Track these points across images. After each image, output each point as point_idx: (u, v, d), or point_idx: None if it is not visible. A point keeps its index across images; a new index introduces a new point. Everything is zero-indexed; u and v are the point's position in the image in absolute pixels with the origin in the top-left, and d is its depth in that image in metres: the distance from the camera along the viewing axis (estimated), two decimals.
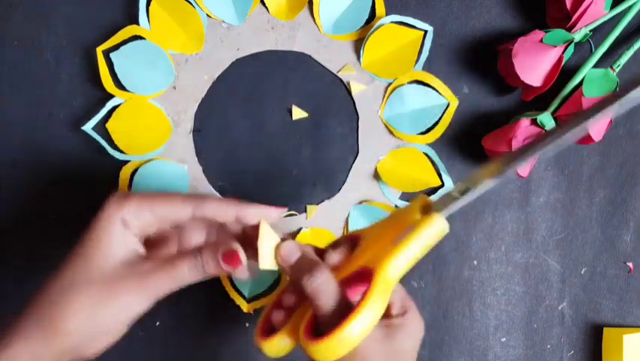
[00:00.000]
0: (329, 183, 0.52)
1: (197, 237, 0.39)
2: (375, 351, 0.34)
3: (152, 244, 0.39)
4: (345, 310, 0.33)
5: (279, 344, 0.36)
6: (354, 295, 0.35)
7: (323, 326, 0.34)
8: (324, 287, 0.34)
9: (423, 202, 0.36)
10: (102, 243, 0.35)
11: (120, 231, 0.35)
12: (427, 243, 0.34)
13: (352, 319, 0.32)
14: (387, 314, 0.36)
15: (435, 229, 0.34)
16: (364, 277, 0.34)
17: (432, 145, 0.52)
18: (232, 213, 0.36)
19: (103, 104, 0.50)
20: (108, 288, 0.34)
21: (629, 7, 0.49)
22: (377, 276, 0.33)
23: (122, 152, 0.50)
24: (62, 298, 0.34)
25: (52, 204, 0.51)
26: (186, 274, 0.35)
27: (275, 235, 0.37)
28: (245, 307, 0.51)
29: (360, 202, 0.52)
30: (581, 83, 0.48)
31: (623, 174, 0.52)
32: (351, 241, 0.39)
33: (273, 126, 0.52)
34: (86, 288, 0.34)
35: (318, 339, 0.32)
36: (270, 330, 0.37)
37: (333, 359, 0.32)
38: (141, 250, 0.36)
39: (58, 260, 0.36)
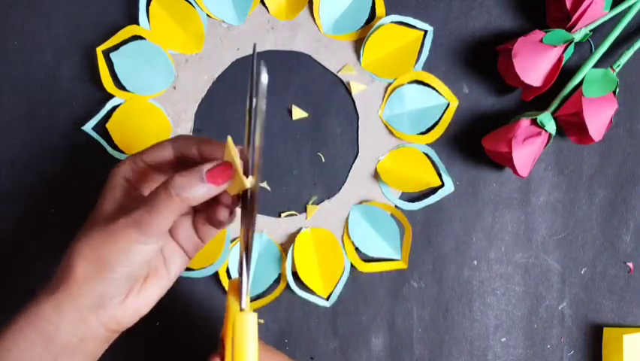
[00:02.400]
0: (329, 183, 0.52)
1: None
2: None
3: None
4: None
5: None
6: None
7: None
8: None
9: (233, 291, 0.38)
10: (105, 196, 0.37)
11: (121, 183, 0.38)
12: (252, 339, 0.36)
13: None
14: None
15: (247, 328, 0.36)
16: None
17: (432, 145, 0.52)
18: (194, 148, 0.37)
19: (103, 104, 0.50)
20: (106, 230, 0.35)
21: (629, 7, 0.49)
22: None
23: (122, 152, 0.50)
24: (75, 246, 0.35)
25: (52, 204, 0.51)
26: (165, 200, 0.34)
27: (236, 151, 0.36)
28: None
29: (360, 202, 0.52)
30: (581, 83, 0.48)
31: (623, 174, 0.52)
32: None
33: (273, 126, 0.52)
34: (89, 234, 0.35)
35: None
36: None
37: None
38: (138, 194, 0.38)
39: (59, 260, 0.37)
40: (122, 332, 0.38)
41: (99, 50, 0.50)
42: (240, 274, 0.37)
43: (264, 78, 0.33)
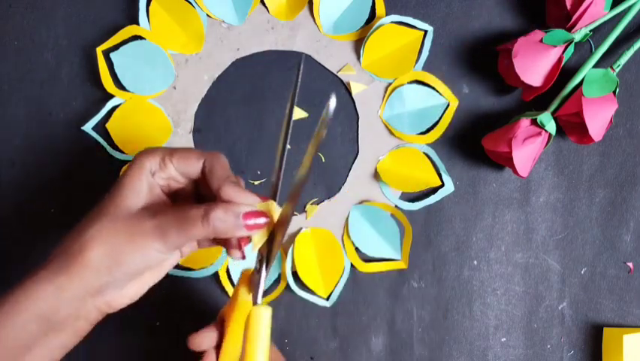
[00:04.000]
0: (329, 183, 0.52)
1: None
2: None
3: (179, 200, 0.40)
4: None
5: None
6: None
7: None
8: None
9: (245, 282, 0.39)
10: (131, 186, 0.37)
11: (147, 178, 0.37)
12: (265, 335, 0.37)
13: None
14: None
15: (262, 323, 0.37)
16: None
17: (432, 145, 0.52)
18: (217, 183, 0.37)
19: (103, 104, 0.50)
20: (129, 227, 0.35)
21: (629, 7, 0.49)
22: None
23: (122, 152, 0.50)
24: (89, 231, 0.35)
25: (52, 203, 0.51)
26: (198, 227, 0.35)
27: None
28: None
29: (360, 202, 0.52)
30: (581, 83, 0.48)
31: (623, 174, 0.52)
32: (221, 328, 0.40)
33: (273, 126, 0.52)
34: (109, 224, 0.35)
35: None
36: None
37: None
38: (165, 199, 0.38)
39: None
40: (122, 332, 0.38)
41: (99, 50, 0.50)
42: (259, 270, 0.38)
43: (332, 104, 0.32)
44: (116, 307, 0.37)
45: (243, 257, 0.38)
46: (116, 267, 0.35)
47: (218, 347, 0.39)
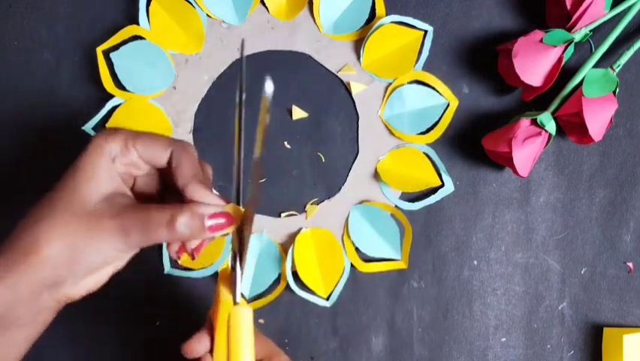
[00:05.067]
0: (329, 183, 0.52)
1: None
2: None
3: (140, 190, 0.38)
4: None
5: None
6: None
7: None
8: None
9: (225, 281, 0.38)
10: (88, 174, 0.34)
11: (107, 164, 0.34)
12: (247, 334, 0.36)
13: None
14: None
15: (242, 322, 0.36)
16: None
17: (432, 145, 0.52)
18: (183, 181, 0.35)
19: (103, 104, 0.50)
20: (88, 223, 0.33)
21: (629, 7, 0.49)
22: None
23: None
24: (43, 224, 0.33)
25: None
26: (163, 230, 0.33)
27: None
28: None
29: (360, 202, 0.52)
30: (581, 83, 0.48)
31: (623, 174, 0.52)
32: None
33: (273, 126, 0.52)
34: (65, 218, 0.33)
35: None
36: None
37: None
38: (126, 189, 0.36)
39: None
40: (122, 332, 0.37)
41: (99, 50, 0.50)
42: (234, 267, 0.37)
43: (269, 88, 0.30)
44: (75, 298, 0.35)
45: (179, 258, 0.37)
46: (74, 264, 0.33)
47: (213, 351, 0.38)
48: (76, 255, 0.33)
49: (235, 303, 0.37)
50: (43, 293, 0.34)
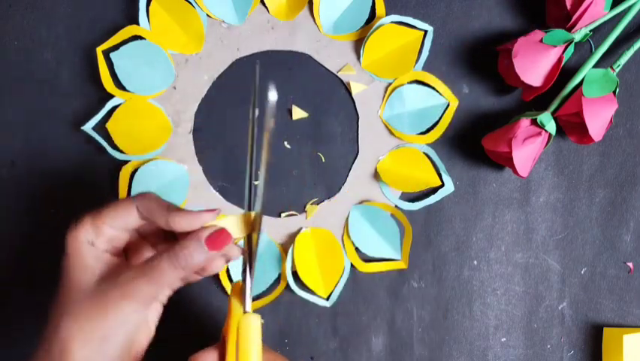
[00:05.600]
0: (329, 183, 0.52)
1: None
2: None
3: (132, 252, 0.39)
4: None
5: None
6: None
7: None
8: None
9: (236, 294, 0.38)
10: (77, 265, 0.36)
11: (89, 250, 0.36)
12: (255, 342, 0.36)
13: None
14: None
15: (250, 330, 0.37)
16: None
17: (432, 145, 0.52)
18: (163, 219, 0.36)
19: (103, 104, 0.50)
20: (98, 305, 0.35)
21: (629, 7, 0.49)
22: None
23: (122, 152, 0.50)
24: (63, 328, 0.34)
25: (52, 204, 0.51)
26: (168, 272, 0.35)
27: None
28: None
29: (360, 202, 0.52)
30: (581, 83, 0.48)
31: (623, 174, 0.52)
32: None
33: (273, 126, 0.52)
34: (79, 311, 0.35)
35: None
36: None
37: None
38: (117, 260, 0.37)
39: (58, 260, 0.37)
40: None
41: (99, 50, 0.50)
42: (244, 278, 0.38)
43: (273, 96, 0.32)
44: None
45: (227, 261, 0.38)
46: (105, 348, 0.34)
47: None
48: (102, 340, 0.34)
49: (245, 312, 0.37)
50: None
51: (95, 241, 0.36)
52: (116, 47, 0.50)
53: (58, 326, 0.35)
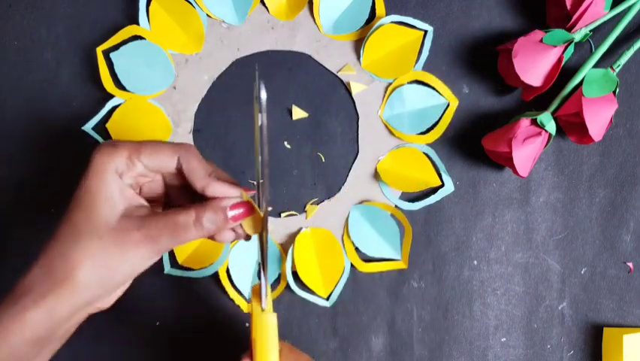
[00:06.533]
0: (329, 183, 0.52)
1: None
2: None
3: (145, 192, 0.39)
4: None
5: None
6: None
7: None
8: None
9: (255, 296, 0.39)
10: (102, 194, 0.35)
11: (116, 181, 0.35)
12: (272, 340, 0.38)
13: None
14: None
15: (267, 328, 0.38)
16: None
17: (432, 145, 0.52)
18: (200, 183, 0.36)
19: (103, 104, 0.50)
20: (116, 240, 0.34)
21: (629, 7, 0.49)
22: None
23: None
24: (73, 250, 0.34)
25: (52, 204, 0.51)
26: (192, 233, 0.35)
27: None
28: (245, 307, 0.51)
29: (360, 202, 0.52)
30: (581, 83, 0.48)
31: (623, 174, 0.52)
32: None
33: (273, 126, 0.52)
34: (96, 240, 0.34)
35: None
36: None
37: None
38: (141, 201, 0.37)
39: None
40: (122, 332, 0.38)
41: (99, 50, 0.50)
42: (259, 277, 0.39)
43: (262, 95, 0.33)
44: (104, 309, 0.37)
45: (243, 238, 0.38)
46: (108, 281, 0.35)
47: None
48: (110, 273, 0.35)
49: (262, 310, 0.38)
50: (78, 313, 0.35)
51: (124, 173, 0.36)
52: (116, 47, 0.50)
53: (70, 251, 0.34)
